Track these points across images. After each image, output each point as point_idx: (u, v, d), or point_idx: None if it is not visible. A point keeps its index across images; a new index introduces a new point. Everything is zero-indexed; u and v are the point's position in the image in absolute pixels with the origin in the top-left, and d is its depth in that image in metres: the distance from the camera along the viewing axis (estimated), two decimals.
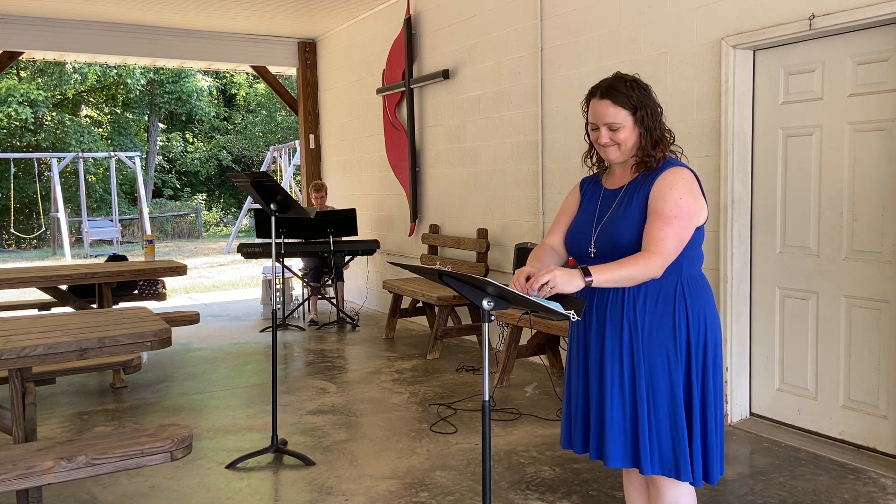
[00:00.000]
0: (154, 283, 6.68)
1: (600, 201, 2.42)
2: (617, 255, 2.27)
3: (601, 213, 2.39)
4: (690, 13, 4.48)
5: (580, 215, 2.46)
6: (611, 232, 2.31)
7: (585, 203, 2.47)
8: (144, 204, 19.78)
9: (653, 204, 2.26)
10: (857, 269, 3.86)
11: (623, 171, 2.42)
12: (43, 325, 3.19)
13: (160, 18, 8.37)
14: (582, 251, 2.39)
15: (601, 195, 2.44)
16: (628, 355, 2.30)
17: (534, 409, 4.74)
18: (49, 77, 23.13)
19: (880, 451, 3.80)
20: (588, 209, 2.44)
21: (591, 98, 2.36)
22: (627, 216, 2.30)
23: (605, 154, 2.37)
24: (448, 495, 3.48)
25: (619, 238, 2.29)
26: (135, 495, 3.58)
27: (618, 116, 2.29)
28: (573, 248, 2.44)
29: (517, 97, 6.00)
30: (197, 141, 28.26)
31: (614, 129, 2.30)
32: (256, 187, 3.87)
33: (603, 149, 2.36)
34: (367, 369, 5.89)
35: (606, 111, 2.30)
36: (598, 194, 2.45)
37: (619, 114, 2.29)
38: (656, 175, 2.32)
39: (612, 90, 2.31)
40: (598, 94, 2.33)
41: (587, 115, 2.38)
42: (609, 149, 2.34)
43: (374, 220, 8.60)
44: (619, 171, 2.43)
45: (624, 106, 2.29)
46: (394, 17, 7.75)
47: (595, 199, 2.45)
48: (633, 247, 2.26)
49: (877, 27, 3.65)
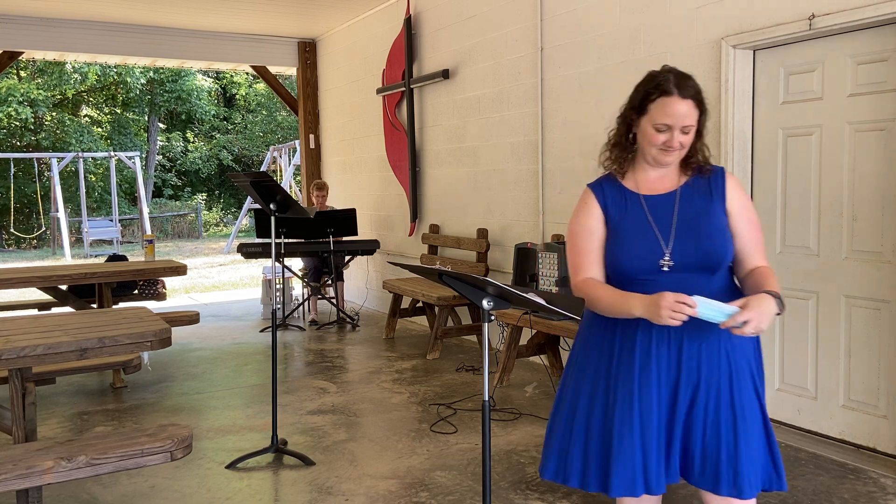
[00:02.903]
0: (154, 283, 6.69)
1: (649, 209, 2.18)
2: (706, 264, 2.10)
3: (662, 221, 2.15)
4: (690, 13, 4.48)
5: (632, 230, 2.16)
6: (699, 241, 2.11)
7: (627, 215, 2.19)
8: (144, 204, 19.78)
9: (741, 212, 2.16)
10: (857, 269, 3.86)
11: (664, 173, 2.22)
12: (43, 325, 3.19)
13: (160, 18, 8.37)
14: (649, 266, 2.13)
15: (645, 202, 2.19)
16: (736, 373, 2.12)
17: (534, 409, 4.74)
18: (49, 77, 23.13)
19: (880, 451, 3.80)
20: (638, 220, 2.17)
21: (660, 95, 2.10)
22: (714, 222, 2.13)
23: (663, 157, 2.15)
24: (448, 495, 3.48)
25: (713, 246, 2.10)
26: (135, 495, 3.58)
27: (694, 118, 2.11)
28: (635, 266, 2.14)
29: (517, 97, 6.00)
30: (197, 141, 28.27)
31: (686, 131, 2.11)
32: (256, 187, 3.87)
33: (665, 152, 2.14)
34: (367, 369, 5.89)
35: (689, 112, 2.09)
36: (637, 202, 2.19)
37: (694, 115, 2.11)
38: (719, 178, 2.19)
39: (691, 89, 2.10)
40: (678, 91, 2.09)
41: (642, 112, 2.14)
42: (675, 153, 2.14)
43: (374, 220, 8.60)
44: (657, 173, 2.22)
45: (699, 106, 2.12)
46: (394, 17, 7.75)
47: (638, 208, 2.19)
48: (727, 254, 2.12)
49: (877, 27, 3.65)
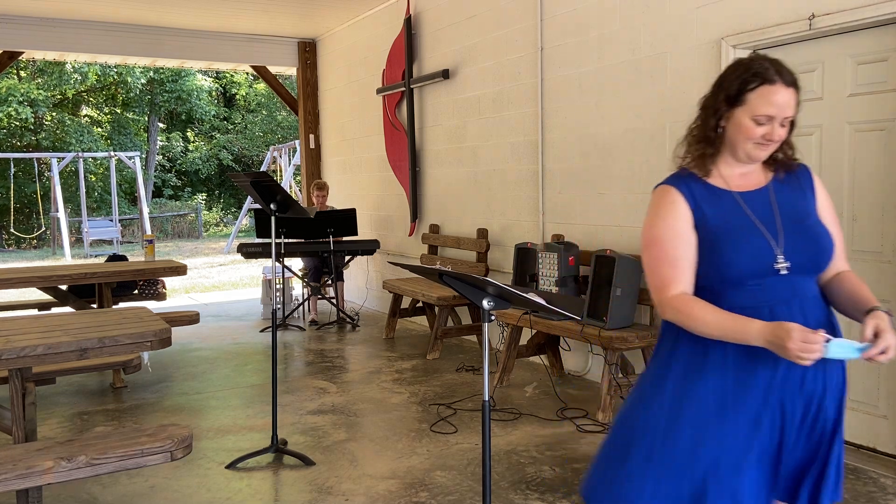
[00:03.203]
0: (154, 283, 6.69)
1: (747, 207, 1.98)
2: (816, 264, 1.96)
3: (765, 219, 1.96)
4: (690, 13, 4.48)
5: (738, 229, 1.94)
6: (810, 239, 1.95)
7: (726, 214, 1.97)
8: (144, 204, 19.78)
9: (829, 211, 2.04)
10: (857, 269, 3.85)
11: (749, 170, 2.03)
12: (43, 325, 3.19)
13: (160, 18, 8.37)
14: (761, 269, 1.91)
15: (739, 199, 1.99)
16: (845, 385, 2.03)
17: (534, 409, 4.74)
18: (49, 77, 23.14)
19: (880, 451, 3.80)
20: (741, 219, 1.96)
21: (761, 84, 1.90)
22: (817, 220, 2.00)
23: (758, 152, 1.96)
24: (448, 495, 3.48)
25: (824, 244, 1.96)
26: (135, 495, 3.58)
27: (794, 108, 1.93)
28: (747, 270, 1.91)
29: (517, 97, 6.00)
30: (197, 140, 28.28)
31: (785, 123, 1.93)
32: (256, 187, 3.87)
33: (762, 147, 1.95)
34: (367, 369, 5.89)
35: (791, 102, 1.91)
36: (731, 200, 1.98)
37: (795, 105, 1.93)
38: (807, 174, 2.06)
39: (791, 76, 1.92)
40: (780, 79, 1.90)
41: (737, 103, 1.93)
42: (770, 147, 1.96)
43: (374, 220, 8.60)
44: (742, 169, 2.02)
45: (798, 95, 1.94)
46: (394, 17, 7.75)
47: (734, 206, 1.97)
48: (833, 254, 1.99)
49: (877, 27, 3.65)
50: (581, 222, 5.43)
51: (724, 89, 1.96)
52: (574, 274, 4.98)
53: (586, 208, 5.37)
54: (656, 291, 1.97)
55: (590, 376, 5.43)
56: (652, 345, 4.56)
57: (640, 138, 4.88)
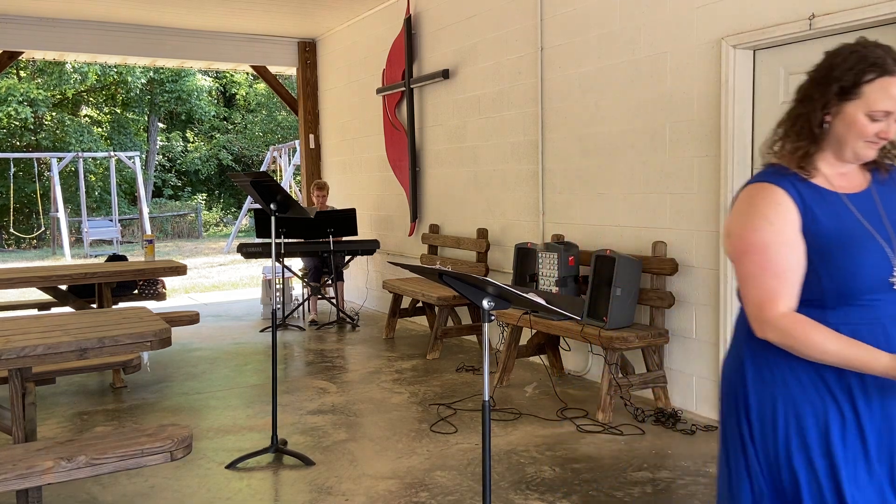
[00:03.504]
0: (154, 283, 6.69)
1: (857, 211, 1.77)
2: None
3: (877, 226, 1.76)
4: (690, 13, 4.48)
5: (854, 238, 1.73)
6: None
7: (840, 219, 1.75)
8: (144, 204, 19.78)
9: None
10: None
11: (848, 169, 1.83)
12: (43, 325, 3.19)
13: (160, 18, 8.37)
14: (881, 282, 1.72)
15: (848, 203, 1.77)
16: None
17: (534, 409, 4.74)
18: (49, 77, 23.14)
19: None
20: (853, 224, 1.75)
21: (881, 75, 1.69)
22: None
23: (867, 151, 1.76)
24: (448, 495, 3.48)
25: None
26: (135, 495, 3.58)
27: None
28: (866, 283, 1.72)
29: (517, 97, 6.00)
30: (197, 140, 28.28)
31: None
32: (256, 187, 3.87)
33: (872, 145, 1.75)
34: (367, 369, 5.89)
35: None
36: (840, 203, 1.77)
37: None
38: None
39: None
40: None
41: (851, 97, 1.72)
42: (880, 146, 1.77)
43: (374, 220, 8.60)
44: (842, 169, 1.83)
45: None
46: (394, 17, 7.75)
47: (845, 210, 1.76)
48: None
49: (877, 27, 3.65)
50: (581, 222, 5.43)
51: (836, 80, 1.73)
52: (574, 274, 4.98)
53: (586, 208, 5.37)
54: (757, 307, 1.72)
55: (590, 376, 5.43)
56: (652, 345, 4.56)
57: (640, 138, 4.87)
